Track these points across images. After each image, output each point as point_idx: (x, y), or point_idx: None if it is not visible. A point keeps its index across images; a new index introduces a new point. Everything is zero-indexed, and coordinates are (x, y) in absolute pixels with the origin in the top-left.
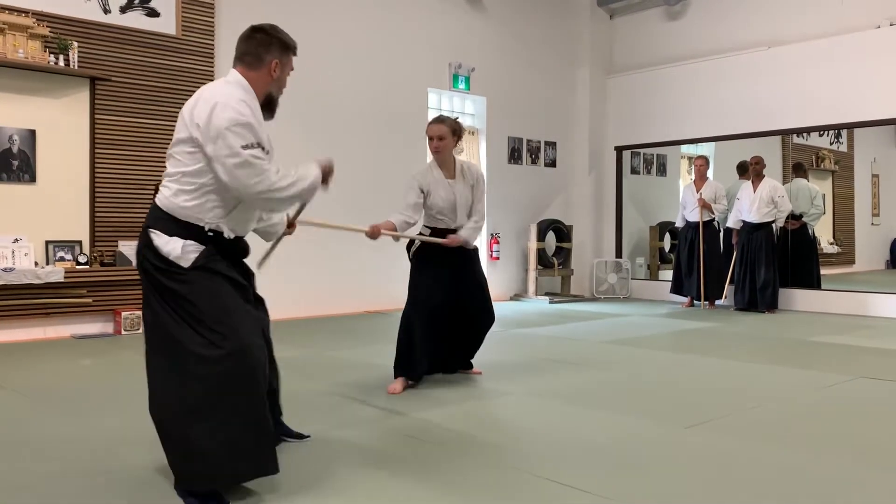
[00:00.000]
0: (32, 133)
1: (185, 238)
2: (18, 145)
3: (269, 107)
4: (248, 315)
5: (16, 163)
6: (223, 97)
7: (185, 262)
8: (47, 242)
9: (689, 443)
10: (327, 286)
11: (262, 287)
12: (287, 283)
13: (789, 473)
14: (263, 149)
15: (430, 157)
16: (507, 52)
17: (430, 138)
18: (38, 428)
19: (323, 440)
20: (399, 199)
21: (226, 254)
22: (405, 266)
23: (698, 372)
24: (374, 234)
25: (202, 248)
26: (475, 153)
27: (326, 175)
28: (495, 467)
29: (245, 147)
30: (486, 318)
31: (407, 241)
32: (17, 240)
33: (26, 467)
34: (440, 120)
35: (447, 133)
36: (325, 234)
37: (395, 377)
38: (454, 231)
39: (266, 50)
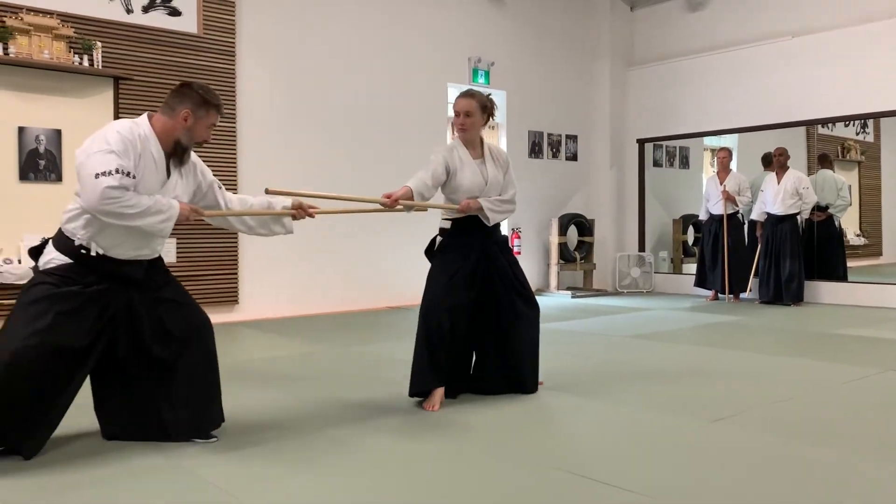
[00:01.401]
0: (58, 133)
1: (60, 250)
2: (45, 145)
3: (175, 152)
4: (24, 325)
5: (42, 162)
6: (102, 130)
7: (42, 268)
8: None
9: (718, 437)
10: (348, 282)
11: (285, 283)
12: (307, 280)
13: (821, 469)
14: (127, 175)
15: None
16: (526, 46)
17: (457, 114)
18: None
19: (356, 439)
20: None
21: (93, 270)
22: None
23: (723, 366)
24: (392, 203)
25: (67, 261)
26: None
27: (185, 217)
28: (528, 465)
29: (101, 174)
30: (522, 325)
31: (428, 243)
32: (43, 239)
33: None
34: (469, 94)
35: (476, 109)
36: (347, 229)
37: (427, 389)
38: (483, 224)
39: (180, 101)
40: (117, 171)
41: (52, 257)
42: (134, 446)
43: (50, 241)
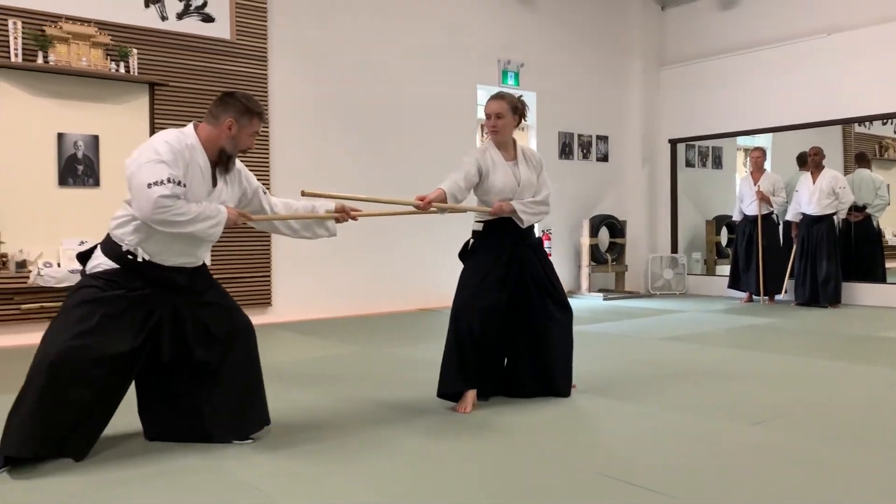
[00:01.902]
0: (96, 139)
1: (108, 255)
2: (83, 151)
3: (221, 160)
4: (70, 327)
5: (81, 168)
6: (150, 141)
7: (89, 271)
8: None
9: (756, 440)
10: (379, 284)
11: (317, 285)
12: (338, 282)
13: (864, 473)
14: (178, 184)
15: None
16: (556, 47)
17: (487, 116)
18: None
19: (392, 441)
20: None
21: (139, 275)
22: (459, 263)
23: (759, 369)
24: (426, 206)
25: (113, 266)
26: None
27: (233, 222)
28: (563, 467)
29: (154, 184)
30: (554, 329)
31: (462, 246)
32: (82, 242)
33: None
34: (499, 96)
35: (506, 111)
36: (378, 231)
37: (455, 391)
38: (516, 226)
39: (223, 110)
40: (169, 181)
41: (100, 262)
42: (176, 447)
43: (98, 246)
